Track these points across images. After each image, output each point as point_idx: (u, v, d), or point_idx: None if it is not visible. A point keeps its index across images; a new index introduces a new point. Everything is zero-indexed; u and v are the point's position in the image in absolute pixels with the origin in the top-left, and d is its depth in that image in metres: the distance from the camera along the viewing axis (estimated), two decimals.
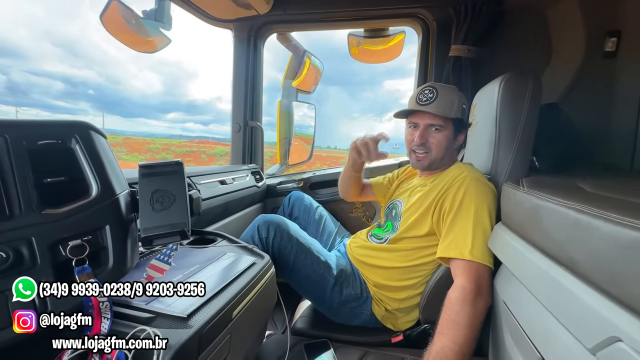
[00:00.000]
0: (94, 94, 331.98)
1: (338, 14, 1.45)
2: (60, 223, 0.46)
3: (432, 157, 0.92)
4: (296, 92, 1.80)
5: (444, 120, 0.89)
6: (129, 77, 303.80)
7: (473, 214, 0.77)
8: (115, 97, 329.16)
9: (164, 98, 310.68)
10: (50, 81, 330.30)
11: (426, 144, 0.91)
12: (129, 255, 0.53)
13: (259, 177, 1.53)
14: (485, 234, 0.76)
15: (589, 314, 0.38)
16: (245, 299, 0.61)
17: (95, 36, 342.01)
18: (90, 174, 0.52)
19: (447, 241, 0.79)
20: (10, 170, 0.44)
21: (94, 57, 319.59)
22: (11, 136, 0.46)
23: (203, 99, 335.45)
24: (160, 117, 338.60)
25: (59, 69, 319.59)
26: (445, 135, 0.90)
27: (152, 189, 0.57)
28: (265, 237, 0.95)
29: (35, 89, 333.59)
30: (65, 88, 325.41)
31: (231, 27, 1.56)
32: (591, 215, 0.40)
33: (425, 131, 0.91)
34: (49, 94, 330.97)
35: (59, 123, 0.52)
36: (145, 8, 1.32)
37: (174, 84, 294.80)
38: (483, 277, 0.73)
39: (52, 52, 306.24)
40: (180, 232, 0.56)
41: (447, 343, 0.66)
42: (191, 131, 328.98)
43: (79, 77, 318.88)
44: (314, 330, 0.98)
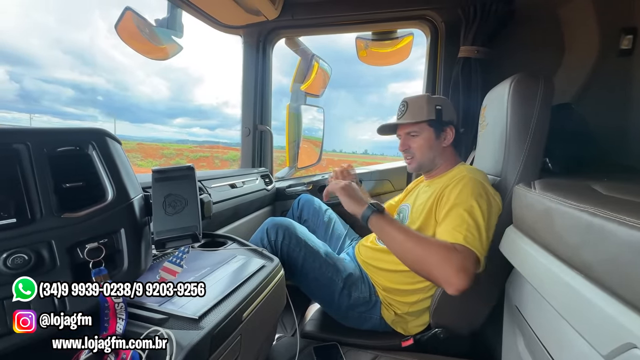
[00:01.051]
0: (103, 100, 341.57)
1: (346, 17, 1.46)
2: (78, 226, 0.48)
3: (418, 159, 0.99)
4: (305, 96, 1.82)
5: (416, 125, 0.97)
6: (136, 83, 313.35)
7: (466, 205, 0.77)
8: (124, 103, 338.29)
9: (171, 103, 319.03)
10: (60, 88, 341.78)
11: (409, 149, 1.00)
12: (142, 257, 0.54)
13: (268, 180, 1.54)
14: (477, 225, 0.74)
15: (603, 319, 0.37)
16: (255, 301, 0.62)
17: (104, 43, 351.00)
18: (106, 179, 0.53)
19: (442, 227, 0.79)
20: (32, 176, 0.46)
21: (103, 64, 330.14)
22: (33, 143, 0.48)
23: (209, 104, 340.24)
24: (167, 123, 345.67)
25: (69, 76, 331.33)
26: (423, 138, 0.97)
27: (165, 193, 0.58)
28: (274, 240, 0.95)
29: (46, 96, 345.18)
30: (75, 95, 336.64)
31: (241, 33, 1.59)
32: (605, 219, 0.39)
33: (405, 139, 1.00)
34: (59, 100, 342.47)
35: (77, 130, 0.54)
36: (157, 17, 1.36)
37: (181, 90, 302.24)
38: (471, 263, 0.70)
39: (63, 59, 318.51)
40: (192, 235, 0.57)
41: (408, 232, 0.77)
42: (197, 136, 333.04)
43: (88, 84, 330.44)
44: (323, 334, 0.98)
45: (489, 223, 0.77)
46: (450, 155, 1.00)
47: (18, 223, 0.43)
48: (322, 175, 1.70)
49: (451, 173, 0.93)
